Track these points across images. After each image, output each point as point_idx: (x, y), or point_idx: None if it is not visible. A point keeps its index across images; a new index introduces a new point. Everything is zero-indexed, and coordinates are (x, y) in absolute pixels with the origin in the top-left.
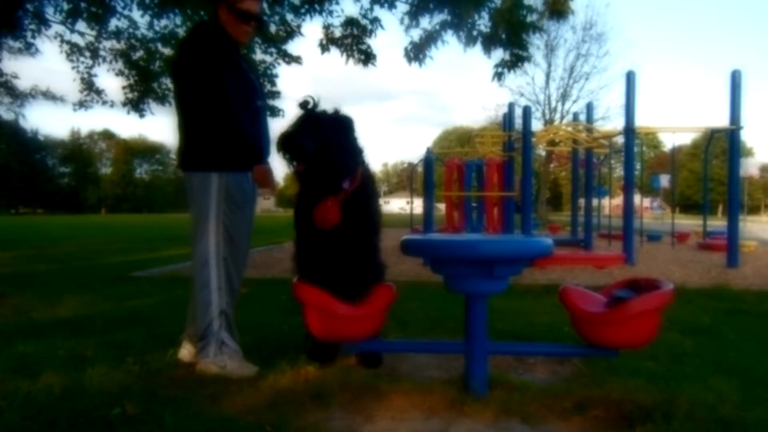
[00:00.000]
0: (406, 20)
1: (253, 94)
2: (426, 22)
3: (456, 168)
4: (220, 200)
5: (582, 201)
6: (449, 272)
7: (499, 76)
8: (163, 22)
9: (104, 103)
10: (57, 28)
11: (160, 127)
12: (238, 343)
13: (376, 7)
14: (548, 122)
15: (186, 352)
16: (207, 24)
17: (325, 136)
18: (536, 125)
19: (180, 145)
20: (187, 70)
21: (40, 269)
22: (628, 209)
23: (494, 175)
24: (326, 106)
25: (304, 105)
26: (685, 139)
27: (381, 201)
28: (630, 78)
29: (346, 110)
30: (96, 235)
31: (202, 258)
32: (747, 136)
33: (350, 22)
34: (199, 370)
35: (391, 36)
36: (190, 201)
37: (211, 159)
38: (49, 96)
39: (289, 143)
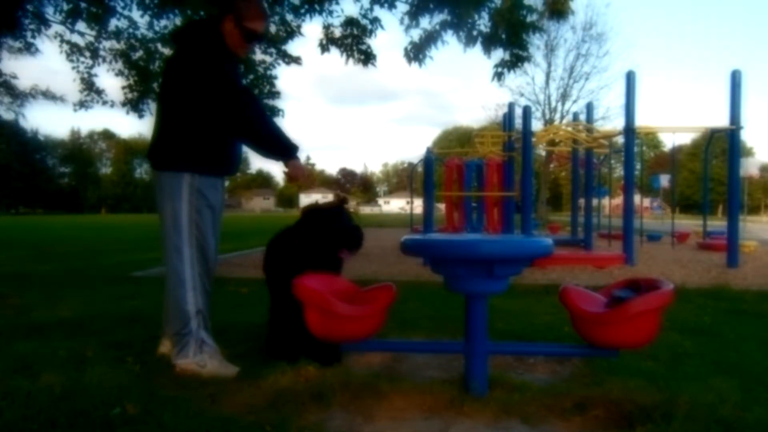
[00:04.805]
0: (406, 20)
1: None
2: (426, 22)
3: (456, 168)
4: (192, 199)
5: (582, 201)
6: (449, 272)
7: (499, 76)
8: (163, 22)
9: (104, 103)
10: (57, 28)
11: None
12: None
13: (376, 7)
14: (548, 122)
15: (165, 349)
16: (207, 27)
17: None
18: (536, 125)
19: (155, 143)
20: (196, 72)
21: (40, 269)
22: (628, 209)
23: (494, 175)
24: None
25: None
26: (685, 139)
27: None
28: (630, 78)
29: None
30: (96, 235)
31: (176, 257)
32: (747, 136)
33: (350, 22)
34: (179, 370)
35: (392, 36)
36: (160, 200)
37: (186, 160)
38: (49, 96)
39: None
